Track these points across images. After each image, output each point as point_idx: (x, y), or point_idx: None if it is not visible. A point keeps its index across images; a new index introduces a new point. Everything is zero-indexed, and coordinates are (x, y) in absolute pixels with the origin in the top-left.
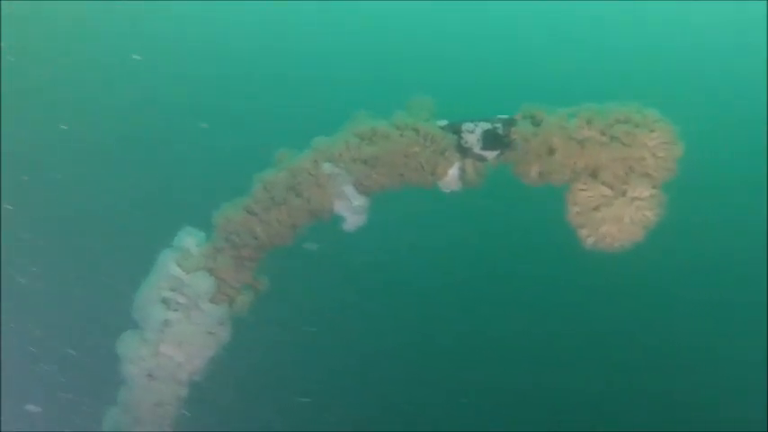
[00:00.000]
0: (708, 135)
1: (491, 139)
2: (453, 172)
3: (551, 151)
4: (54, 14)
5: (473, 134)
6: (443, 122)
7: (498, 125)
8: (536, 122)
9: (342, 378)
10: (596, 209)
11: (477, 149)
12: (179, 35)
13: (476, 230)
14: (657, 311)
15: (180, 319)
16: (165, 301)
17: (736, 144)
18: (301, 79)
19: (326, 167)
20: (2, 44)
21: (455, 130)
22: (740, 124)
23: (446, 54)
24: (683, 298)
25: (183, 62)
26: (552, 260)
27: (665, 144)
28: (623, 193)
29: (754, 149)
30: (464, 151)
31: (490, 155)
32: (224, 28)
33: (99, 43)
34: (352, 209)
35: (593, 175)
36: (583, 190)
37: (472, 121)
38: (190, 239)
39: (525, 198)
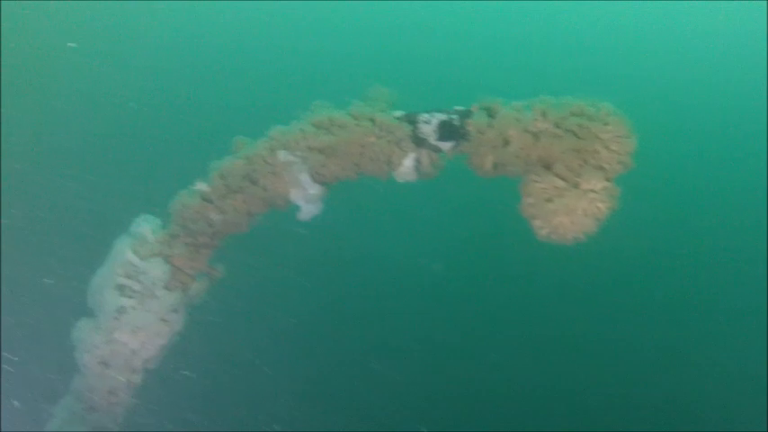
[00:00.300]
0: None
1: (447, 131)
2: (409, 163)
3: (506, 143)
4: None
5: (429, 125)
6: (399, 113)
7: (454, 116)
8: (491, 114)
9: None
10: (549, 200)
11: (432, 140)
12: (137, 25)
13: (430, 221)
14: (620, 306)
15: (134, 306)
16: (120, 288)
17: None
18: (259, 69)
19: (282, 156)
20: None
21: (411, 120)
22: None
23: (403, 46)
24: (646, 292)
25: (143, 52)
26: (506, 252)
27: (619, 137)
28: (576, 185)
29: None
30: (420, 142)
31: (446, 146)
32: (187, 20)
33: (38, 32)
34: (307, 197)
35: (547, 166)
36: (536, 182)
37: (428, 113)
38: (146, 226)
39: (480, 189)
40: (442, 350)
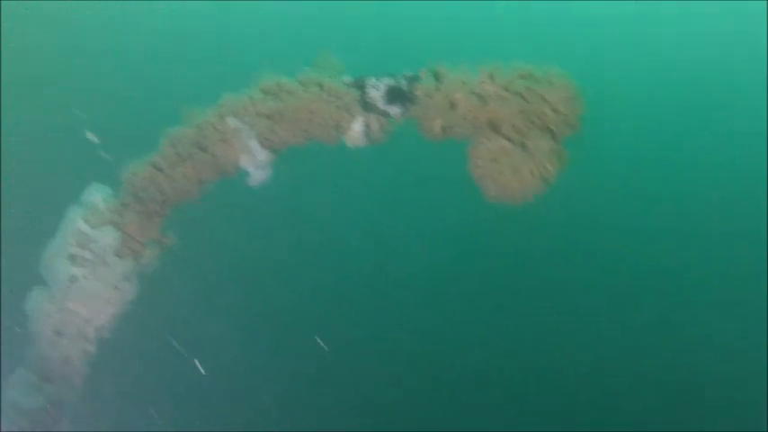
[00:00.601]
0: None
1: (395, 95)
2: (358, 127)
3: (453, 106)
4: None
5: (377, 90)
6: (348, 78)
7: (402, 81)
8: (439, 78)
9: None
10: (497, 161)
11: (381, 105)
12: None
13: (380, 185)
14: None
15: (86, 274)
16: (71, 258)
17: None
18: (208, 37)
19: (231, 122)
20: None
21: (359, 86)
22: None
23: (351, 11)
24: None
25: (90, 17)
26: (456, 213)
27: (567, 100)
28: (524, 146)
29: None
30: (368, 107)
31: (394, 110)
32: None
33: None
34: (256, 163)
35: (495, 129)
36: (484, 144)
37: (377, 78)
38: (97, 195)
39: (429, 152)
40: (389, 312)
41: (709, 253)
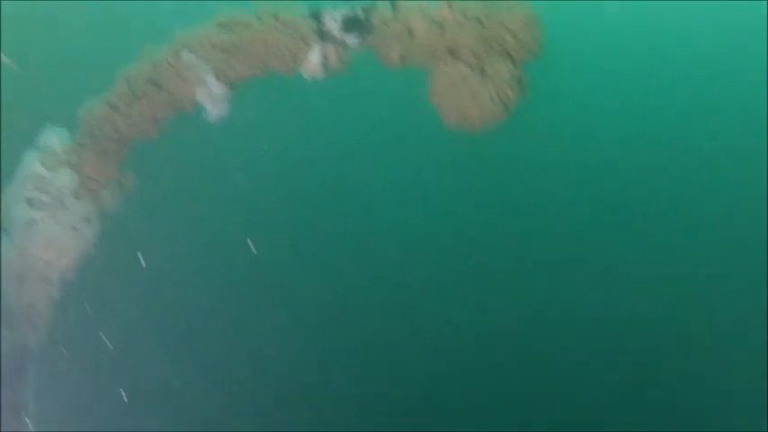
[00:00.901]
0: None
1: (352, 25)
2: (315, 58)
3: (411, 34)
4: None
5: (334, 20)
6: (304, 9)
7: (359, 10)
8: (396, 6)
9: None
10: (456, 88)
11: (338, 35)
12: None
13: (338, 116)
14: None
15: (45, 217)
16: (29, 202)
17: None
18: None
19: (186, 57)
20: None
21: (316, 16)
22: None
23: None
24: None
25: None
26: (417, 142)
27: (526, 25)
28: (483, 72)
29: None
30: (325, 37)
31: (352, 40)
32: None
33: None
34: (213, 98)
35: (454, 55)
36: (443, 70)
37: (333, 7)
38: (53, 138)
39: (387, 81)
40: (351, 240)
41: (671, 178)
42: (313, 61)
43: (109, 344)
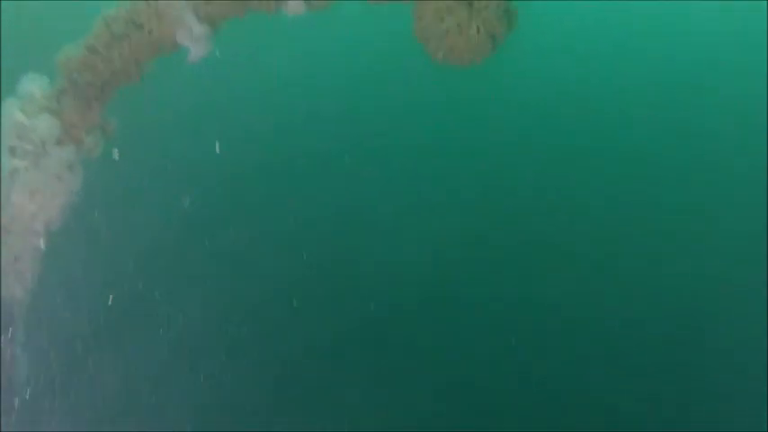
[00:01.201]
0: None
1: None
2: None
3: None
4: None
5: None
6: None
7: None
8: None
9: None
10: (442, 21)
11: None
12: None
13: (321, 54)
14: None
15: (27, 166)
16: (11, 150)
17: None
18: None
19: None
20: None
21: None
22: None
23: None
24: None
25: None
26: (405, 78)
27: None
28: (470, 5)
29: None
30: None
31: None
32: None
33: None
34: (194, 38)
35: None
36: (429, 3)
37: None
38: (32, 85)
39: (373, 17)
40: (337, 178)
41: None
42: None
43: (103, 295)
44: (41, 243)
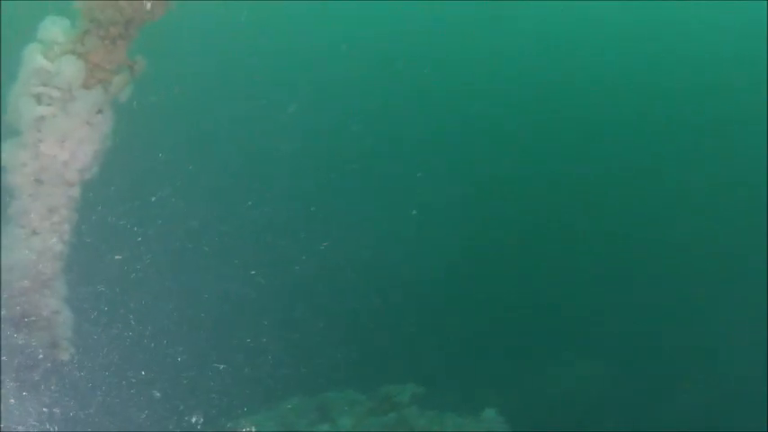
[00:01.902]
0: None
1: None
2: None
3: None
4: None
5: None
6: None
7: None
8: None
9: None
10: None
11: None
12: None
13: None
14: None
15: (54, 112)
16: (36, 97)
17: None
18: None
19: None
20: None
21: None
22: None
23: None
24: None
25: None
26: None
27: None
28: None
29: None
30: None
31: None
32: None
33: None
34: None
35: None
36: None
37: None
38: (54, 28)
39: None
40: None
41: None
42: None
43: (138, 239)
44: (76, 192)
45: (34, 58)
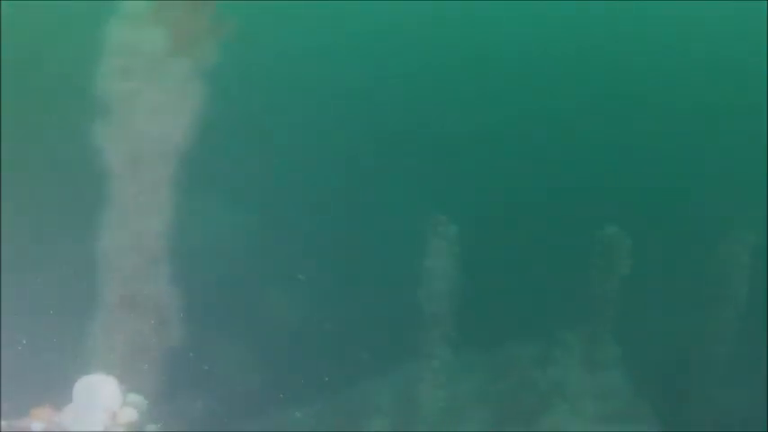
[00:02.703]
0: None
1: None
2: None
3: None
4: None
5: None
6: None
7: None
8: None
9: None
10: None
11: None
12: None
13: None
14: None
15: (144, 86)
16: (123, 72)
17: None
18: None
19: None
20: None
21: None
22: None
23: None
24: None
25: None
26: None
27: None
28: None
29: None
30: None
31: None
32: None
33: None
34: None
35: None
36: None
37: None
38: (135, 1)
39: None
40: None
41: None
42: None
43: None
44: (171, 170)
45: (118, 31)
